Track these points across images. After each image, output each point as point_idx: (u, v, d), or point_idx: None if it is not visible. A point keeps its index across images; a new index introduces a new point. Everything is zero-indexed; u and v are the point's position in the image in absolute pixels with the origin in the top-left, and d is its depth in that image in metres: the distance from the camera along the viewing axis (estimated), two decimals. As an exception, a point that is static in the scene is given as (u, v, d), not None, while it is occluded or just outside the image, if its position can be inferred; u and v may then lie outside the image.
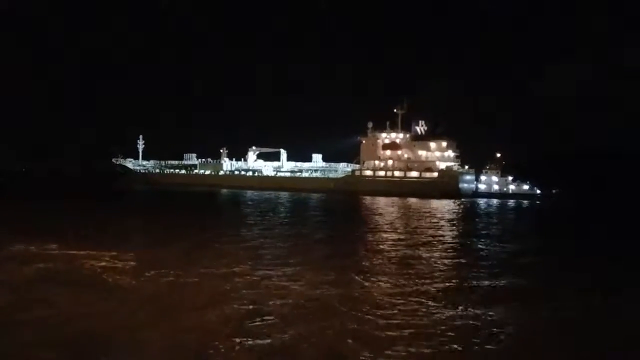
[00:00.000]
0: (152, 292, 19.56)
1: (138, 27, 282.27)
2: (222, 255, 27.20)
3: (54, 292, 19.16)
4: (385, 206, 72.69)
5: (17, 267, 23.37)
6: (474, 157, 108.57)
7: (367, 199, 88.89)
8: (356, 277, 23.05)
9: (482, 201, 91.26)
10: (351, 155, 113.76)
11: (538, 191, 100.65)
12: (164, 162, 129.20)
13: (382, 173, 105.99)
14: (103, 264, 24.27)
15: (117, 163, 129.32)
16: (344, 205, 75.97)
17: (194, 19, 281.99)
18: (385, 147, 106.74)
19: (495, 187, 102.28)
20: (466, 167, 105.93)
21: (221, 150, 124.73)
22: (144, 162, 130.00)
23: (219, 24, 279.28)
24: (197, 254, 27.28)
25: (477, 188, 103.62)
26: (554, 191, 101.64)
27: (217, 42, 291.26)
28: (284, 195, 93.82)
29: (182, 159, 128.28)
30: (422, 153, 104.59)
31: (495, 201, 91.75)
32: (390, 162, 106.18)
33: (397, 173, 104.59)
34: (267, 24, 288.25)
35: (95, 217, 48.89)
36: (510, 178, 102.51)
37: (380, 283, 22.14)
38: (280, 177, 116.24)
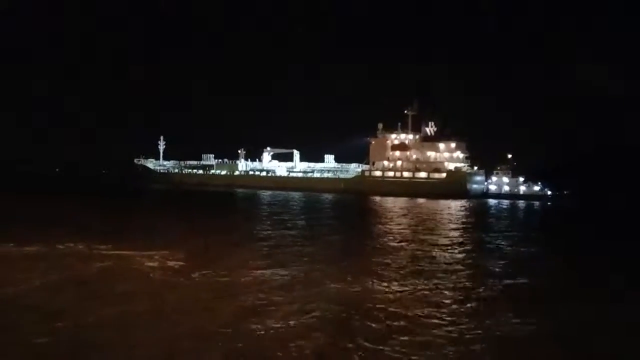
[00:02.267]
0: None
1: (141, 26, 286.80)
2: (259, 257, 28.43)
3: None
4: (390, 206, 73.22)
5: (78, 265, 24.77)
6: (486, 158, 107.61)
7: (376, 199, 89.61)
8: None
9: (492, 202, 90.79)
10: (363, 156, 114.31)
11: (549, 192, 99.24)
12: (183, 162, 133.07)
13: (391, 174, 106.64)
14: (155, 264, 25.69)
15: (139, 163, 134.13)
16: (351, 206, 76.85)
17: (196, 19, 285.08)
18: (394, 147, 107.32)
19: (506, 188, 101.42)
20: (475, 167, 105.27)
21: (239, 151, 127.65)
22: (165, 163, 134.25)
23: (219, 24, 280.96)
24: (238, 255, 28.73)
25: (487, 189, 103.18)
26: (565, 192, 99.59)
27: (219, 41, 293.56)
28: (295, 195, 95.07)
29: (200, 159, 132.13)
30: (431, 154, 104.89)
31: (505, 202, 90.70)
32: (399, 162, 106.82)
33: (405, 174, 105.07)
34: (267, 25, 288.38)
35: (130, 216, 51.78)
36: (521, 179, 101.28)
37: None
38: (292, 178, 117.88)
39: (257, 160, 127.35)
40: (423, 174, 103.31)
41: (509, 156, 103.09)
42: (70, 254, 27.50)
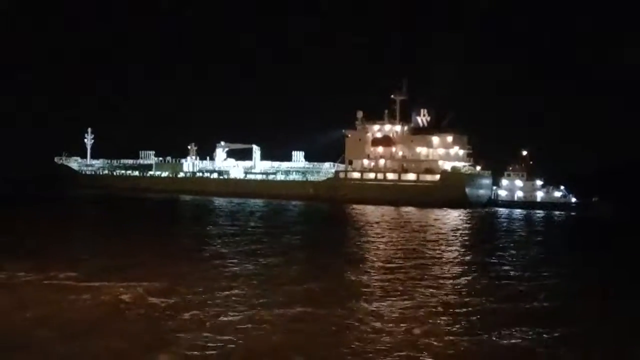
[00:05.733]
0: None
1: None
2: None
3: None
4: (365, 218, 58.35)
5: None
6: (495, 156, 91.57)
7: (352, 208, 74.28)
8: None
9: (502, 212, 75.77)
10: (340, 153, 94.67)
11: (574, 199, 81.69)
12: (115, 161, 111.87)
13: (371, 175, 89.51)
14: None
15: (60, 163, 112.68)
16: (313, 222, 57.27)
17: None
18: (376, 142, 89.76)
19: (520, 193, 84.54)
20: (479, 168, 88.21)
21: (189, 147, 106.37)
22: (93, 162, 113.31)
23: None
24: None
25: (496, 195, 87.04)
26: (593, 199, 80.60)
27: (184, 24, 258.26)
28: (250, 204, 76.78)
29: (138, 157, 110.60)
30: (422, 150, 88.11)
31: (517, 212, 75.93)
32: (381, 161, 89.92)
33: (390, 175, 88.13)
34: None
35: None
36: (539, 182, 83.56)
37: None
38: (249, 181, 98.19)
39: (207, 158, 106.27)
40: (411, 176, 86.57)
41: (524, 153, 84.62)
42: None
